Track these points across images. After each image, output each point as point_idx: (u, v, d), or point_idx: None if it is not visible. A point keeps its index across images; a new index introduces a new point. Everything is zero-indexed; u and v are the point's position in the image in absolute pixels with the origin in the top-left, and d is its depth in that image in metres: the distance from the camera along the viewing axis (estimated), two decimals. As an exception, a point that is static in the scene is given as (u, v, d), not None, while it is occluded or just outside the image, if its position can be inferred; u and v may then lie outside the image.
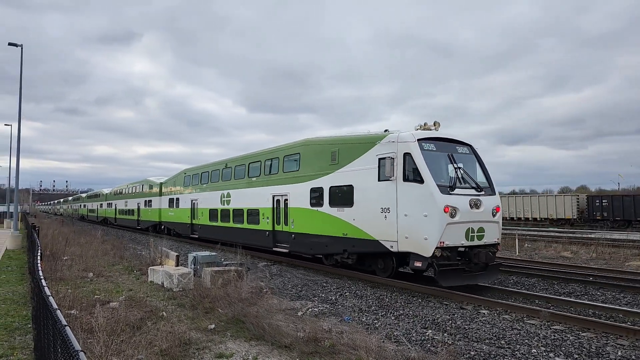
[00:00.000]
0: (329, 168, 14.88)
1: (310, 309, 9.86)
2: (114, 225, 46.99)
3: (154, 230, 33.77)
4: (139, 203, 38.55)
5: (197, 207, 26.20)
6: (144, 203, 37.14)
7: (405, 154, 11.92)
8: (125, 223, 43.15)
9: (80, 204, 74.41)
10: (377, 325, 8.67)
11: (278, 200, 17.89)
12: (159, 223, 33.55)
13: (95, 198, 61.74)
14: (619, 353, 7.11)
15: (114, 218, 47.87)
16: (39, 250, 10.33)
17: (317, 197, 15.41)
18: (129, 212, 41.89)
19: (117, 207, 47.22)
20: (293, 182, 16.86)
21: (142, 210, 37.77)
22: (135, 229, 39.05)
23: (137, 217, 39.17)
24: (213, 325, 8.28)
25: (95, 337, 6.83)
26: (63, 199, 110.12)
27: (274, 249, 18.00)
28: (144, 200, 37.18)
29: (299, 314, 9.35)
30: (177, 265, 14.07)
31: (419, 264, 11.52)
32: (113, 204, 48.98)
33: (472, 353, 7.11)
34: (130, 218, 41.26)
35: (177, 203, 29.76)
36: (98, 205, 58.19)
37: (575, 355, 7.03)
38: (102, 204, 55.72)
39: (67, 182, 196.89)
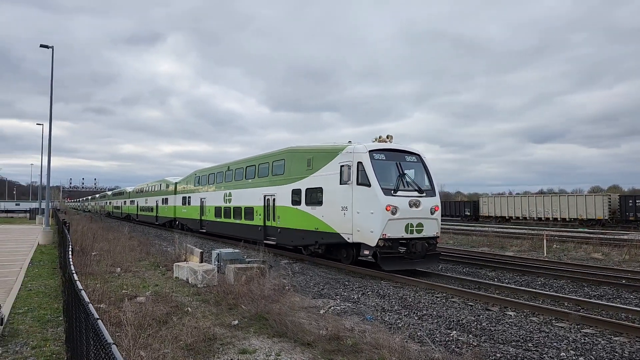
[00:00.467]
0: (306, 173, 17.30)
1: (332, 307, 9.85)
2: (136, 221, 49.13)
3: (170, 226, 36.60)
4: (157, 201, 41.24)
5: (205, 204, 28.87)
6: (162, 201, 39.83)
7: (359, 163, 14.26)
8: (146, 219, 45.62)
9: (107, 201, 77.52)
10: (399, 325, 8.59)
11: (268, 199, 20.23)
12: (174, 219, 35.88)
13: (120, 196, 64.90)
14: (654, 359, 6.84)
15: (136, 214, 50.40)
16: (70, 246, 10.65)
17: (297, 197, 17.75)
18: (149, 209, 44.45)
19: (138, 204, 49.77)
20: (279, 184, 19.32)
21: (159, 207, 40.47)
22: (154, 225, 41.31)
23: (155, 213, 41.79)
24: (236, 322, 8.37)
25: (123, 330, 6.99)
26: (91, 196, 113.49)
27: (265, 242, 19.94)
28: (162, 198, 39.85)
29: (321, 312, 9.35)
30: (201, 262, 14.28)
31: (367, 252, 13.88)
32: (135, 202, 51.61)
33: (498, 355, 6.97)
34: (150, 214, 43.78)
35: (189, 201, 32.38)
36: (122, 203, 60.88)
37: (607, 360, 6.81)
38: (125, 202, 58.43)
39: (95, 179, 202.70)
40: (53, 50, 24.60)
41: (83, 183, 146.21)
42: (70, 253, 8.89)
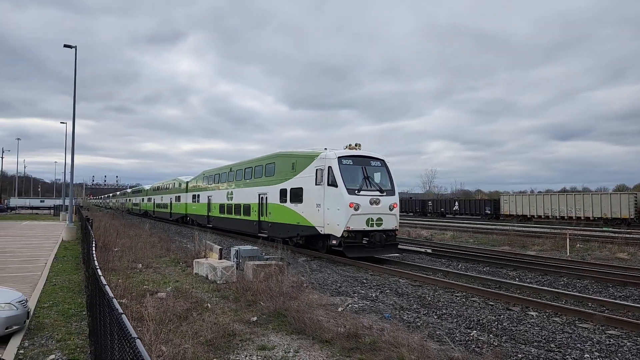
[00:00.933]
0: (290, 175, 19.75)
1: (350, 305, 9.84)
2: (153, 218, 51.30)
3: (182, 221, 39.67)
4: (171, 198, 44.19)
5: (211, 202, 31.58)
6: (175, 198, 42.77)
7: (329, 167, 16.65)
8: (161, 215, 48.67)
9: (126, 199, 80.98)
10: (418, 324, 8.52)
11: (262, 197, 22.78)
12: (186, 215, 38.80)
13: (138, 193, 68.31)
14: (683, 362, 6.64)
15: (153, 211, 53.37)
16: (94, 242, 10.87)
17: (283, 195, 20.13)
18: (164, 205, 47.49)
19: (155, 201, 52.82)
20: (270, 184, 21.85)
21: (173, 205, 43.35)
22: (169, 220, 44.15)
23: (170, 210, 44.72)
24: (255, 318, 8.43)
25: (145, 325, 7.11)
26: (112, 194, 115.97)
27: (259, 235, 22.47)
28: (175, 196, 42.81)
29: (339, 310, 9.34)
30: (220, 259, 14.43)
31: (335, 242, 16.31)
32: (152, 199, 54.74)
33: (519, 356, 6.85)
34: (165, 211, 46.80)
35: (198, 199, 35.23)
36: (140, 200, 64.08)
37: (634, 363, 6.63)
38: (143, 199, 61.70)
39: (117, 177, 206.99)
40: (76, 50, 25.15)
41: (105, 180, 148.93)
42: (94, 249, 9.07)
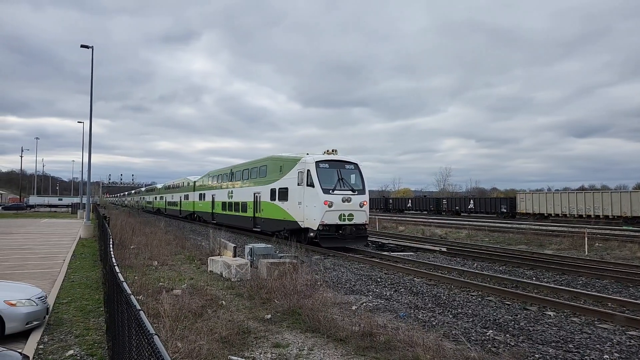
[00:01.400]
0: (279, 176, 22.47)
1: (365, 304, 9.80)
2: (165, 215, 53.02)
3: (191, 218, 42.09)
4: (181, 196, 46.66)
5: (215, 200, 34.17)
6: (184, 197, 45.19)
7: (308, 170, 19.43)
8: (172, 212, 50.90)
9: (141, 197, 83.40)
10: (434, 323, 8.45)
11: (256, 196, 25.36)
12: (193, 212, 41.32)
13: (151, 192, 70.67)
14: None
15: (164, 209, 55.77)
16: (111, 240, 11.02)
17: (273, 194, 22.85)
18: (174, 203, 49.99)
19: (166, 199, 55.32)
20: (263, 184, 24.47)
21: (182, 203, 45.88)
22: (179, 217, 46.29)
23: (179, 207, 47.14)
24: (269, 316, 8.45)
25: (161, 321, 7.19)
26: (127, 192, 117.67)
27: (253, 230, 25.68)
28: (184, 194, 45.23)
29: (354, 308, 9.32)
30: (234, 256, 14.50)
31: (312, 234, 19.14)
32: (164, 197, 57.22)
33: (536, 356, 6.75)
34: (175, 208, 49.28)
35: (204, 197, 37.78)
36: (153, 198, 66.47)
37: (656, 365, 6.48)
38: (156, 197, 64.09)
39: (133, 175, 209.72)
40: (93, 51, 25.51)
41: (121, 179, 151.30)
42: (111, 246, 9.19)
